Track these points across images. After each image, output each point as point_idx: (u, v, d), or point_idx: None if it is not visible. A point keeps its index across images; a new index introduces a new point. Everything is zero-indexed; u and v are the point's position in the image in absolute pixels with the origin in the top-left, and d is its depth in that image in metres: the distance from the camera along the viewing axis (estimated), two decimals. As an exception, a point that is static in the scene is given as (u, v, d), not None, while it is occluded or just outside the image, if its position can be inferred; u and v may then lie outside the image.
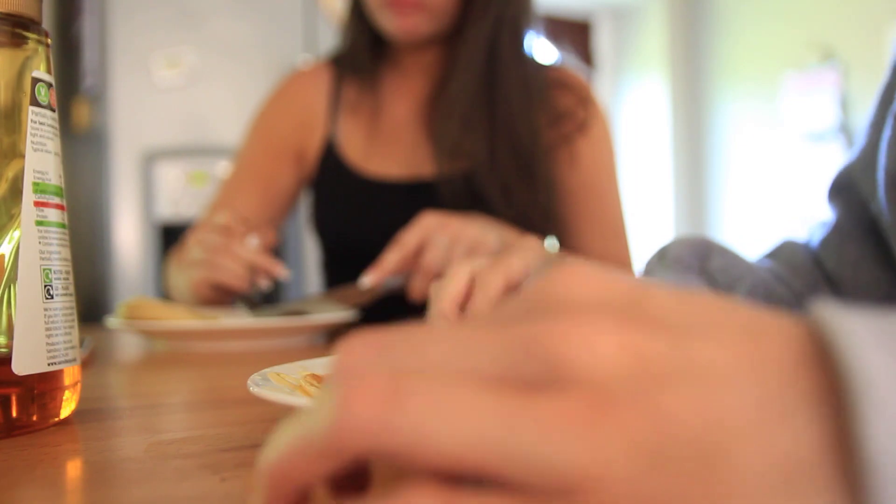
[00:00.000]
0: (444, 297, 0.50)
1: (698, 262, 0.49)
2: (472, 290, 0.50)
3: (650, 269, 0.50)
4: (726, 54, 3.61)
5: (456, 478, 0.15)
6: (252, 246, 0.78)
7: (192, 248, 0.82)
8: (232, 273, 0.77)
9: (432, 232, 0.72)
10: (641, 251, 0.97)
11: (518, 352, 0.15)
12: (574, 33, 4.01)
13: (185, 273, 0.83)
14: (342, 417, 0.15)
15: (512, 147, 0.89)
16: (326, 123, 0.98)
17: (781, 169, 3.30)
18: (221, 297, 0.83)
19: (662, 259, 0.50)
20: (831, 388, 0.14)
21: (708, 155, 3.71)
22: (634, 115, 3.99)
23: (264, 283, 0.79)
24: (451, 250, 0.71)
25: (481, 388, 0.15)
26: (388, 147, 0.96)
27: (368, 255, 0.79)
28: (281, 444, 0.16)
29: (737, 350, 0.15)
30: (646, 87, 3.93)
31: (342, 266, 0.97)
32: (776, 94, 3.34)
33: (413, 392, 0.15)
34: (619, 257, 0.95)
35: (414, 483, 0.15)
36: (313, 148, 0.99)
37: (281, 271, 0.78)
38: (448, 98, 0.92)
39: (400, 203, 0.92)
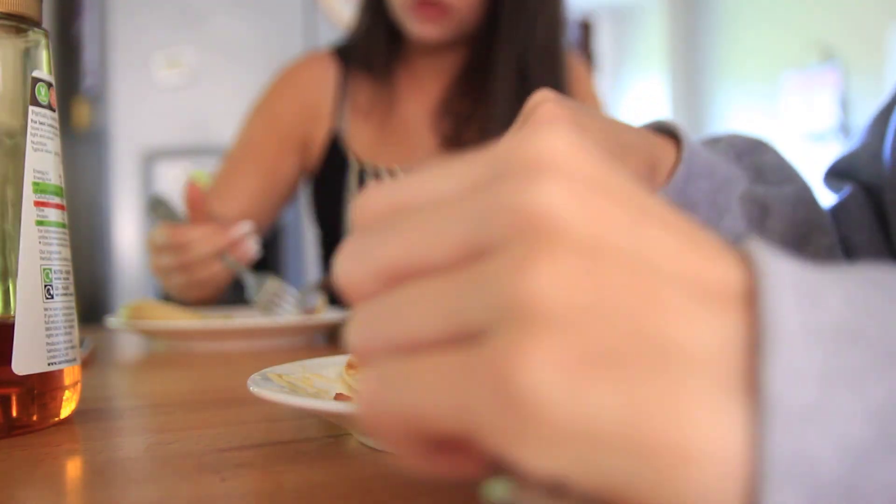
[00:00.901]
0: None
1: (749, 156, 0.51)
2: None
3: (697, 147, 0.51)
4: (726, 54, 3.61)
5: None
6: (203, 253, 0.77)
7: (165, 278, 0.82)
8: (213, 276, 0.78)
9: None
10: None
11: (489, 217, 0.16)
12: (574, 33, 4.01)
13: (184, 295, 0.85)
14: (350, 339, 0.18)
15: None
16: (332, 117, 0.98)
17: (781, 169, 3.30)
18: (219, 289, 0.84)
19: (715, 143, 0.51)
20: (754, 313, 0.15)
21: (708, 155, 3.71)
22: (634, 114, 4.00)
23: (250, 249, 0.79)
24: None
25: (444, 270, 0.17)
26: (397, 144, 0.96)
27: None
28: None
29: (684, 247, 0.16)
30: (646, 86, 3.93)
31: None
32: (776, 93, 3.34)
33: (384, 302, 0.17)
34: None
35: (370, 360, 0.17)
36: (318, 140, 0.98)
37: (242, 227, 0.78)
38: (462, 98, 0.92)
39: None
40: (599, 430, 0.14)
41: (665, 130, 0.47)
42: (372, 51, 0.96)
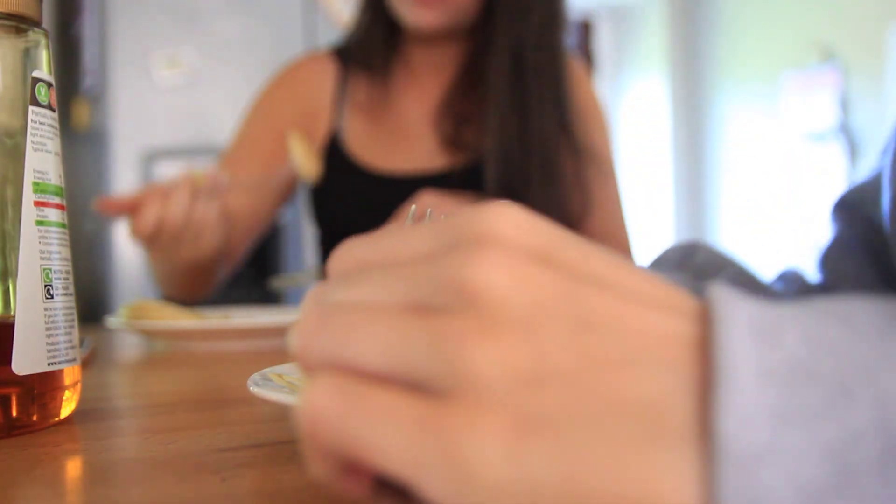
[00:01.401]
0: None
1: (686, 259, 0.52)
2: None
3: None
4: (726, 54, 3.61)
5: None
6: (179, 196, 0.74)
7: (168, 257, 0.80)
8: (204, 219, 0.76)
9: (430, 209, 0.75)
10: (642, 250, 0.98)
11: (431, 284, 0.17)
12: (574, 33, 4.00)
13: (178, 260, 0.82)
14: (293, 340, 0.19)
15: (541, 149, 0.90)
16: (332, 116, 0.98)
17: (781, 169, 3.30)
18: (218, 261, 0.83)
19: (657, 265, 0.53)
20: (706, 359, 0.16)
21: (708, 154, 3.71)
22: (634, 114, 3.99)
23: (216, 175, 0.77)
24: None
25: (390, 311, 0.17)
26: (397, 144, 0.96)
27: None
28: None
29: (625, 305, 0.17)
30: (646, 86, 3.93)
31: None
32: (776, 94, 3.34)
33: (333, 318, 0.18)
34: (618, 238, 0.96)
35: (324, 374, 0.17)
36: (317, 139, 0.98)
37: (205, 173, 0.76)
38: (462, 100, 0.93)
39: (406, 198, 0.93)
40: (540, 488, 0.15)
41: None
42: (370, 47, 0.96)
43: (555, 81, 0.91)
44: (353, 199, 0.96)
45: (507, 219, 0.18)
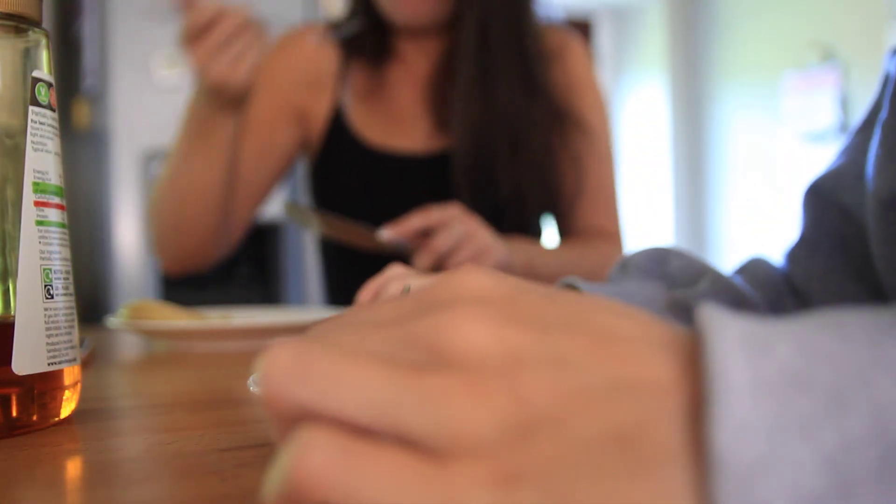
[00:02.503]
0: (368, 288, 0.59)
1: (658, 267, 0.51)
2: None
3: (613, 278, 0.52)
4: (726, 54, 3.61)
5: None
6: (236, 18, 0.77)
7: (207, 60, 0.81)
8: (249, 49, 0.79)
9: (454, 220, 0.76)
10: (635, 239, 0.98)
11: (407, 344, 0.18)
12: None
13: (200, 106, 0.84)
14: (263, 384, 0.18)
15: (509, 126, 0.90)
16: (335, 91, 0.97)
17: (781, 169, 3.30)
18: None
19: (624, 269, 0.52)
20: (690, 380, 0.16)
21: (708, 155, 3.72)
22: (635, 114, 3.99)
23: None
24: (462, 242, 0.74)
25: (375, 363, 0.17)
26: (395, 125, 0.97)
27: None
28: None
29: (596, 342, 0.17)
30: (646, 86, 3.93)
31: (341, 248, 0.96)
32: (776, 94, 3.34)
33: (316, 361, 0.17)
34: (609, 229, 0.97)
35: (315, 427, 0.17)
36: (318, 113, 0.98)
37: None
38: (449, 81, 0.93)
39: (407, 179, 0.93)
40: None
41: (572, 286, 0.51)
42: (362, 37, 0.97)
43: (522, 57, 0.91)
44: (355, 175, 0.95)
45: (470, 280, 0.19)
